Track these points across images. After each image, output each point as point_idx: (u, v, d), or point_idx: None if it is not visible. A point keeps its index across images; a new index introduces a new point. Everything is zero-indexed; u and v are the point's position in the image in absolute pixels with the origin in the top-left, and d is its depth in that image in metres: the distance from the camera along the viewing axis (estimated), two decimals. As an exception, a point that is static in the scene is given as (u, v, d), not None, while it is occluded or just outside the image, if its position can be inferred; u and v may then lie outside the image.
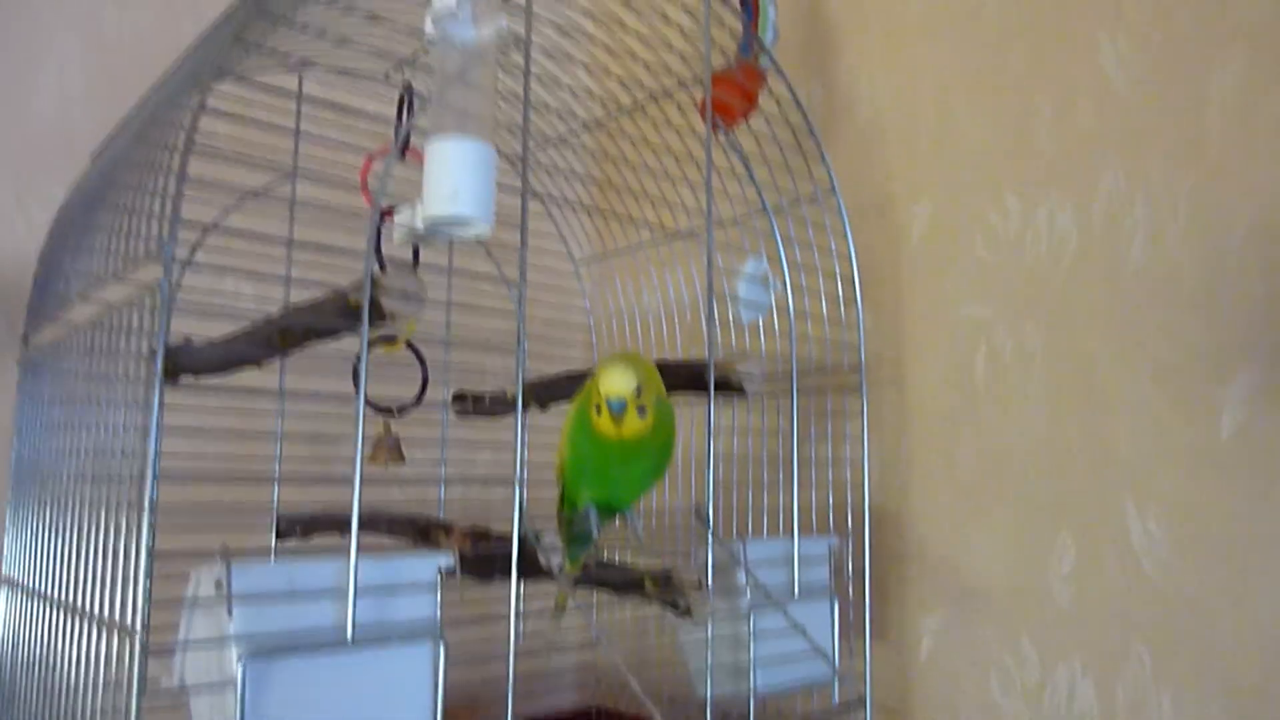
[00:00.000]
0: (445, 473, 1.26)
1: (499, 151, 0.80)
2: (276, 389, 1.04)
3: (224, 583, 0.57)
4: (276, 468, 1.03)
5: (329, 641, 0.61)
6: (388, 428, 1.08)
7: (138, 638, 0.54)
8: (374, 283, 0.64)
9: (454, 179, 0.64)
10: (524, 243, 0.73)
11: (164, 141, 0.61)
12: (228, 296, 1.15)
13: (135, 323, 0.61)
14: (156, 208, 0.59)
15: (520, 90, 0.77)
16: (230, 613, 0.57)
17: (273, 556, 1.01)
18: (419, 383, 1.08)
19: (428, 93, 0.76)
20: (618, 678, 1.33)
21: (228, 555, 0.58)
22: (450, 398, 1.18)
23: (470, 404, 1.17)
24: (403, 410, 1.07)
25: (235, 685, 0.57)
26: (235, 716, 0.57)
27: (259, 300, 0.99)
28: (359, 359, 1.00)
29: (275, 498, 1.03)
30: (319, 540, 1.00)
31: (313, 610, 0.62)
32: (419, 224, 0.67)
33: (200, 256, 1.01)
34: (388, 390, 1.16)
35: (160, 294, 0.56)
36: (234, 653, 0.58)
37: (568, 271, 1.39)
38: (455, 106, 0.66)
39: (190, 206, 0.86)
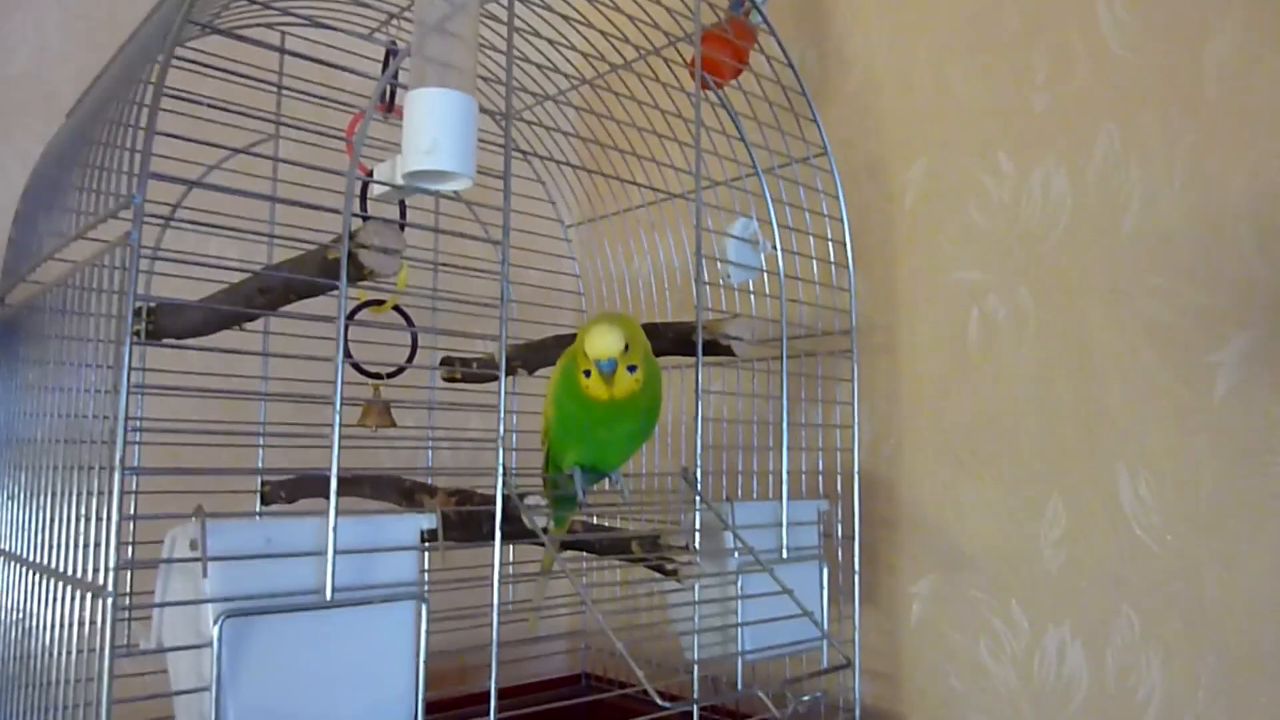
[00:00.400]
0: (434, 436, 1.25)
1: (486, 109, 0.78)
2: (260, 351, 1.03)
3: (199, 542, 0.56)
4: (261, 429, 1.02)
5: (307, 601, 0.60)
6: (377, 391, 1.07)
7: (109, 598, 0.53)
8: (352, 237, 0.63)
9: (433, 132, 0.62)
10: (507, 197, 0.71)
11: (134, 96, 0.59)
12: (212, 259, 1.14)
13: (107, 279, 0.59)
14: (126, 161, 0.57)
15: (507, 44, 0.75)
16: (205, 573, 0.56)
17: (258, 518, 1.00)
18: (408, 347, 1.07)
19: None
20: (607, 643, 1.32)
21: (203, 515, 0.57)
22: (439, 363, 1.17)
23: (458, 369, 1.16)
24: (391, 374, 1.06)
25: (212, 645, 0.56)
26: (212, 676, 0.56)
27: (244, 264, 0.98)
28: (348, 315, 1.00)
29: (260, 460, 1.02)
30: (304, 505, 0.99)
31: (292, 570, 0.61)
32: (399, 179, 0.65)
33: (185, 216, 1.00)
34: (377, 354, 1.15)
35: (130, 246, 0.54)
36: (210, 613, 0.57)
37: (557, 236, 1.37)
38: (436, 58, 0.65)
39: (171, 165, 0.84)
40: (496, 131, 1.26)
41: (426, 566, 1.14)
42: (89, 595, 0.56)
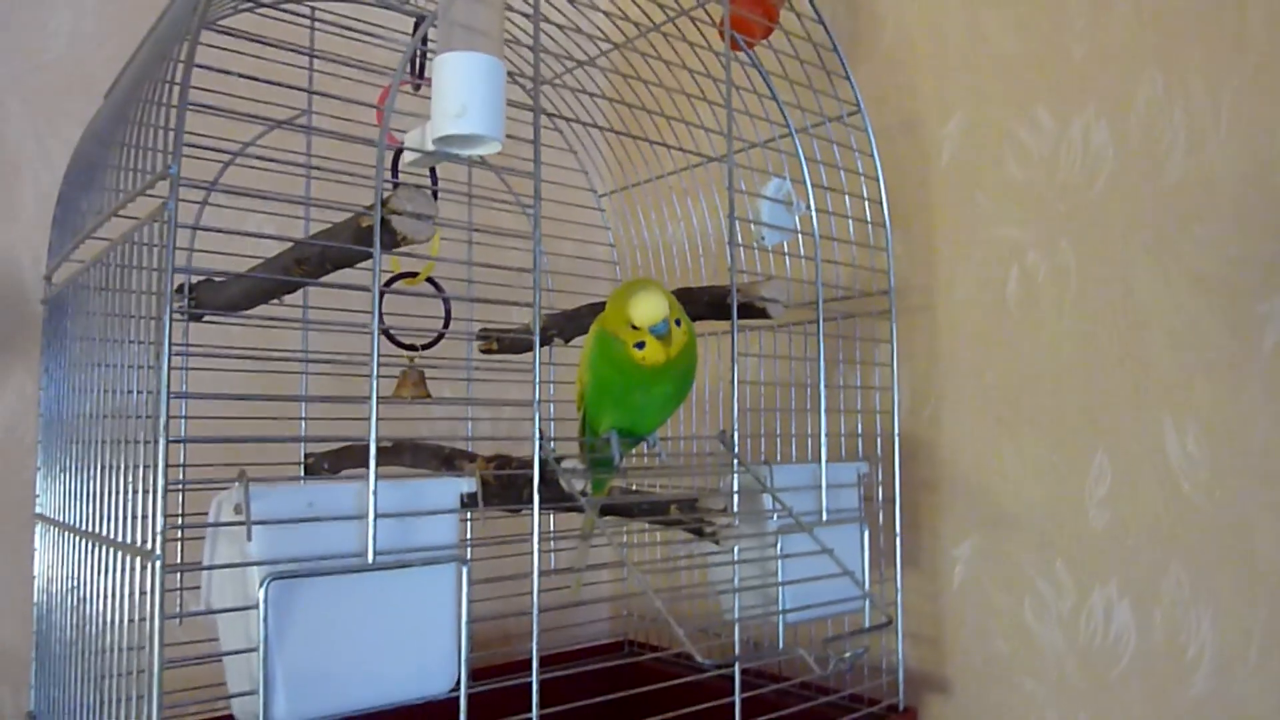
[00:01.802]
0: (473, 405, 1.26)
1: (515, 76, 0.78)
2: (300, 322, 1.04)
3: (243, 506, 0.57)
4: (303, 400, 1.03)
5: (350, 564, 0.61)
6: (412, 361, 1.08)
7: (157, 560, 0.54)
8: (385, 204, 0.63)
9: (461, 95, 0.62)
10: (537, 161, 0.71)
11: (165, 74, 0.60)
12: (251, 243, 1.15)
13: (146, 256, 0.60)
14: (160, 138, 0.58)
15: (533, 8, 0.75)
16: (250, 536, 0.57)
17: (315, 482, 1.02)
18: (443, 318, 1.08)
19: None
20: (649, 609, 1.33)
21: (246, 479, 0.58)
22: (476, 334, 1.18)
23: (494, 340, 1.16)
24: (426, 345, 1.07)
25: (258, 607, 0.57)
26: (259, 638, 0.57)
27: (282, 238, 0.99)
28: (383, 286, 1.01)
29: (304, 430, 1.04)
30: (347, 475, 1.00)
31: (335, 534, 0.62)
32: (429, 144, 0.65)
33: (225, 200, 1.01)
34: (414, 326, 1.15)
35: (167, 215, 0.55)
36: (256, 575, 0.58)
37: (590, 205, 1.37)
38: (462, 21, 0.64)
39: (204, 143, 0.85)
40: (527, 99, 1.26)
41: (469, 532, 1.16)
42: (138, 560, 0.57)
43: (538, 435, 0.70)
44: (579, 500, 0.71)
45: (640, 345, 0.75)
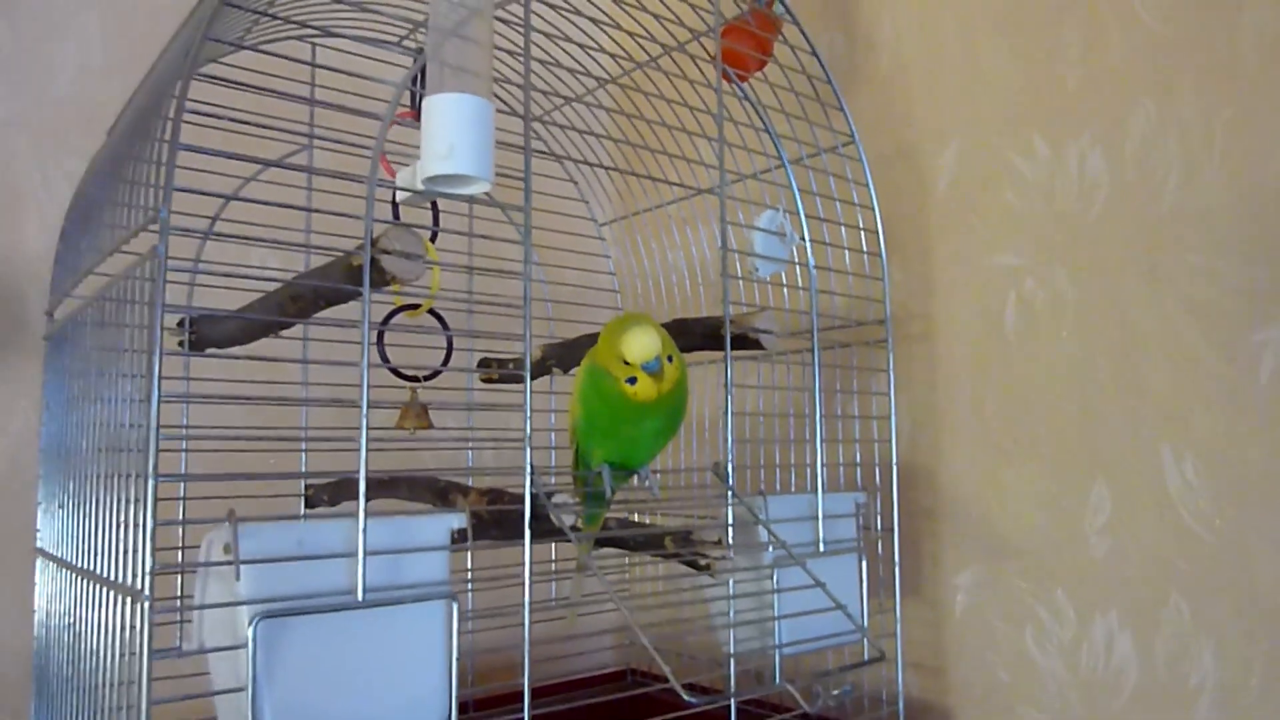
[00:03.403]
0: (476, 436, 1.27)
1: (508, 112, 0.78)
2: (300, 357, 1.05)
3: (232, 546, 0.58)
4: (303, 437, 1.04)
5: (340, 601, 0.61)
6: (414, 393, 1.08)
7: (146, 602, 0.54)
8: (374, 243, 0.64)
9: (449, 136, 0.63)
10: (527, 198, 0.72)
11: (160, 113, 0.61)
12: (253, 269, 1.16)
13: (139, 291, 0.61)
14: (153, 175, 0.59)
15: (531, 46, 0.76)
16: (238, 575, 0.58)
17: (301, 520, 1.02)
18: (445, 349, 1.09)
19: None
20: (651, 637, 1.33)
21: (235, 518, 0.58)
22: (476, 364, 1.18)
23: (495, 370, 1.17)
24: (427, 377, 1.07)
25: (247, 646, 0.58)
26: (248, 677, 0.58)
27: (284, 272, 1.00)
28: (384, 319, 1.02)
29: (303, 464, 1.04)
30: (346, 507, 1.01)
31: (326, 571, 0.63)
32: (418, 184, 0.66)
33: (226, 232, 1.02)
34: (416, 357, 1.16)
35: (157, 259, 0.56)
36: (245, 614, 0.58)
37: (590, 234, 1.38)
38: (452, 62, 0.65)
39: (206, 179, 0.86)
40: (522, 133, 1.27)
41: (469, 564, 1.16)
42: (128, 599, 0.57)
43: (529, 469, 0.70)
44: (568, 535, 0.71)
45: (632, 381, 0.75)
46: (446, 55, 0.65)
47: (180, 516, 0.93)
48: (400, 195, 0.70)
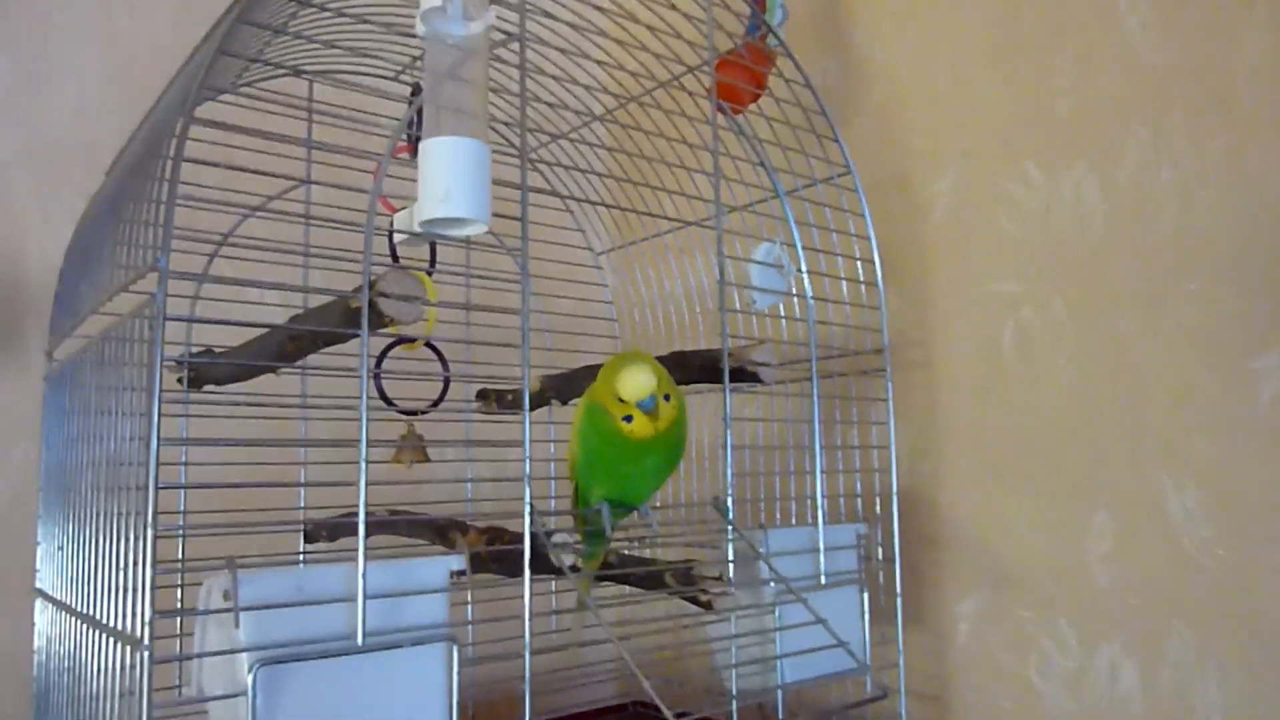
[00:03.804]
0: (477, 471, 1.27)
1: (511, 149, 0.79)
2: (299, 396, 1.05)
3: (231, 593, 0.58)
4: (302, 474, 1.04)
5: (339, 646, 0.61)
6: (411, 428, 1.08)
7: (145, 649, 0.54)
8: (372, 286, 0.64)
9: (446, 179, 0.63)
10: (524, 238, 0.72)
11: (156, 165, 0.61)
12: (252, 308, 1.17)
13: (138, 333, 0.61)
14: (153, 222, 0.59)
15: (528, 86, 0.76)
16: (237, 623, 0.57)
17: (301, 561, 1.02)
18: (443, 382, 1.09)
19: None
20: (653, 671, 1.32)
21: (234, 565, 0.58)
22: (474, 396, 1.18)
23: (493, 402, 1.17)
24: (425, 411, 1.07)
25: (247, 694, 0.57)
26: (247, 723, 0.57)
27: (285, 308, 1.00)
28: (377, 361, 1.02)
29: (302, 503, 1.04)
30: (345, 543, 1.01)
31: (325, 616, 0.62)
32: (416, 226, 0.66)
33: (225, 269, 1.03)
34: (414, 390, 1.16)
35: (155, 305, 0.56)
36: (244, 661, 0.58)
37: (588, 264, 1.38)
38: (448, 104, 0.66)
39: (203, 217, 0.86)
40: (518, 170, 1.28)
41: (469, 599, 1.16)
42: (128, 647, 0.57)
43: (529, 509, 0.70)
44: (566, 574, 0.71)
45: (629, 419, 0.75)
46: (442, 98, 0.65)
47: (180, 555, 0.93)
48: (398, 237, 0.70)
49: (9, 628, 1.03)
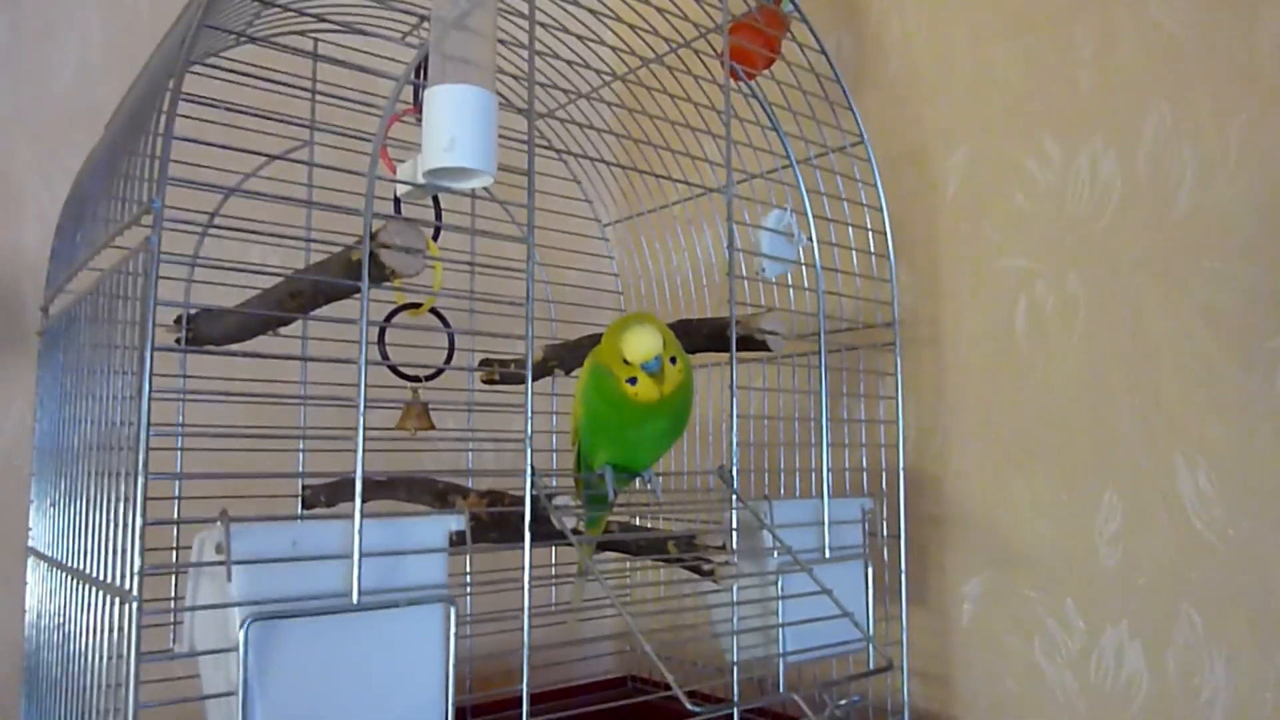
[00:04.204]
0: (477, 437, 1.25)
1: (510, 107, 0.77)
2: (299, 354, 1.04)
3: (224, 546, 0.56)
4: (301, 433, 1.02)
5: (334, 604, 0.60)
6: (415, 393, 1.07)
7: (134, 603, 0.53)
8: (374, 238, 0.62)
9: (451, 129, 0.62)
10: (531, 194, 0.71)
11: (155, 104, 0.59)
12: (253, 266, 1.15)
13: (131, 286, 0.60)
14: (146, 168, 0.58)
15: (536, 41, 0.75)
16: (230, 577, 0.56)
17: (297, 520, 1.01)
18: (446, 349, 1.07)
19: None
20: (655, 645, 1.31)
21: (227, 518, 0.57)
22: (477, 365, 1.17)
23: (496, 370, 1.15)
24: (429, 377, 1.06)
25: (238, 649, 0.56)
26: (239, 680, 0.56)
27: (284, 269, 0.99)
28: (381, 328, 1.00)
29: (301, 464, 1.03)
30: (344, 508, 0.99)
31: (321, 573, 0.61)
32: (420, 178, 0.64)
33: (224, 225, 1.01)
34: (417, 357, 1.14)
35: (150, 252, 0.55)
36: (236, 616, 0.57)
37: (594, 235, 1.36)
38: (454, 54, 0.64)
39: (206, 173, 0.85)
40: (524, 129, 1.26)
41: (469, 568, 1.14)
42: (117, 600, 0.56)
43: (529, 472, 0.69)
44: (569, 538, 0.70)
45: (633, 381, 0.73)
46: (448, 47, 0.64)
47: (175, 516, 0.92)
48: (401, 190, 0.69)
49: (3, 584, 1.02)
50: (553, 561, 1.19)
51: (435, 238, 1.02)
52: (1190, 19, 0.92)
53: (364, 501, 0.94)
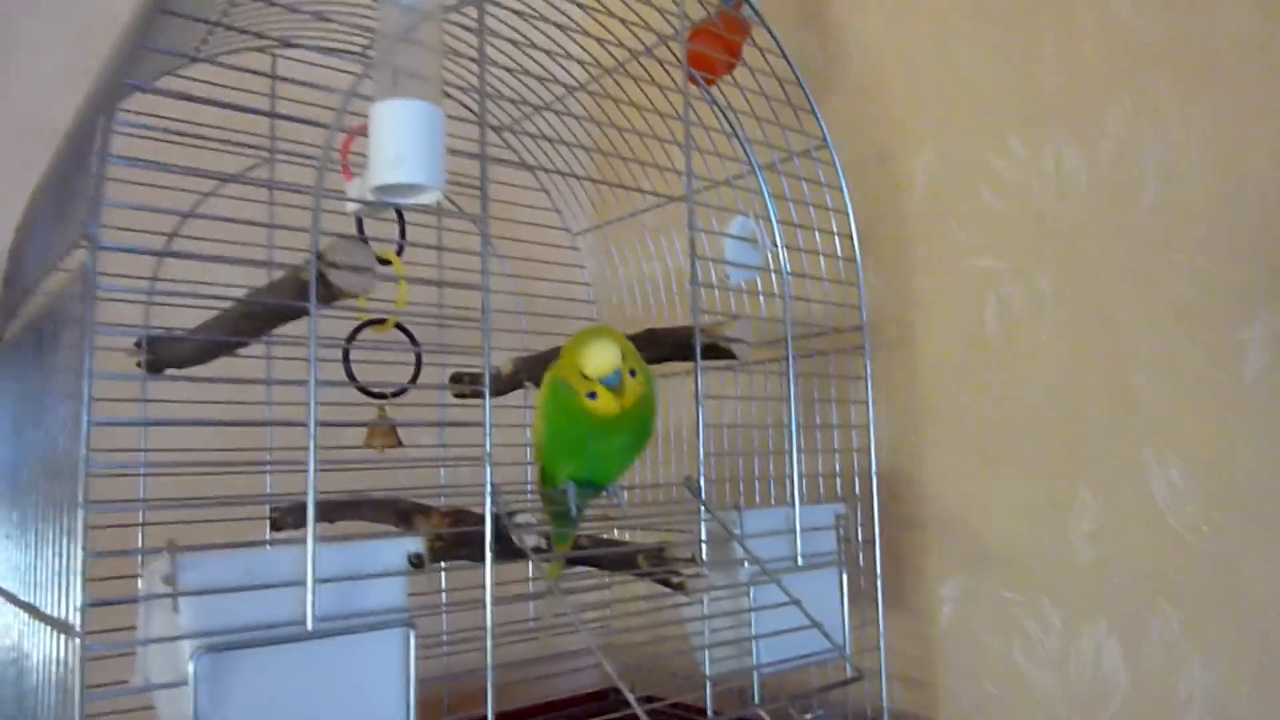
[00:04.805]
0: (451, 454, 1.24)
1: (461, 118, 0.76)
2: (259, 378, 1.02)
3: (171, 577, 0.55)
4: (268, 455, 1.01)
5: (288, 632, 0.59)
6: (382, 411, 1.06)
7: (78, 638, 0.52)
8: (320, 257, 0.61)
9: (398, 143, 0.61)
10: (484, 206, 0.70)
11: (94, 126, 0.58)
12: (217, 288, 1.14)
13: (75, 310, 0.58)
14: (88, 184, 0.56)
15: (496, 54, 0.74)
16: (176, 608, 0.55)
17: (267, 545, 0.99)
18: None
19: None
20: (634, 657, 1.30)
21: (174, 548, 0.56)
22: (448, 379, 1.16)
23: (468, 385, 1.14)
24: (395, 394, 1.05)
25: (189, 682, 0.55)
26: (191, 715, 0.55)
27: (245, 290, 0.97)
28: (346, 342, 0.99)
29: (269, 486, 1.02)
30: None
31: (276, 601, 0.60)
32: (368, 194, 0.63)
33: (187, 248, 1.00)
34: (386, 374, 1.13)
35: (86, 275, 0.53)
36: (186, 649, 0.56)
37: (565, 245, 1.35)
38: (400, 68, 0.63)
39: (161, 195, 0.83)
40: (493, 143, 1.25)
41: (444, 586, 1.13)
42: (62, 635, 0.55)
43: (489, 490, 0.68)
44: (530, 556, 0.69)
45: (592, 395, 0.72)
46: (394, 61, 0.63)
47: (139, 545, 0.90)
48: (351, 206, 0.68)
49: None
50: (529, 577, 1.18)
51: (400, 253, 1.01)
52: (1151, 10, 0.92)
53: (330, 523, 0.93)
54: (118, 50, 0.63)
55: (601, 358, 0.71)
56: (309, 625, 0.59)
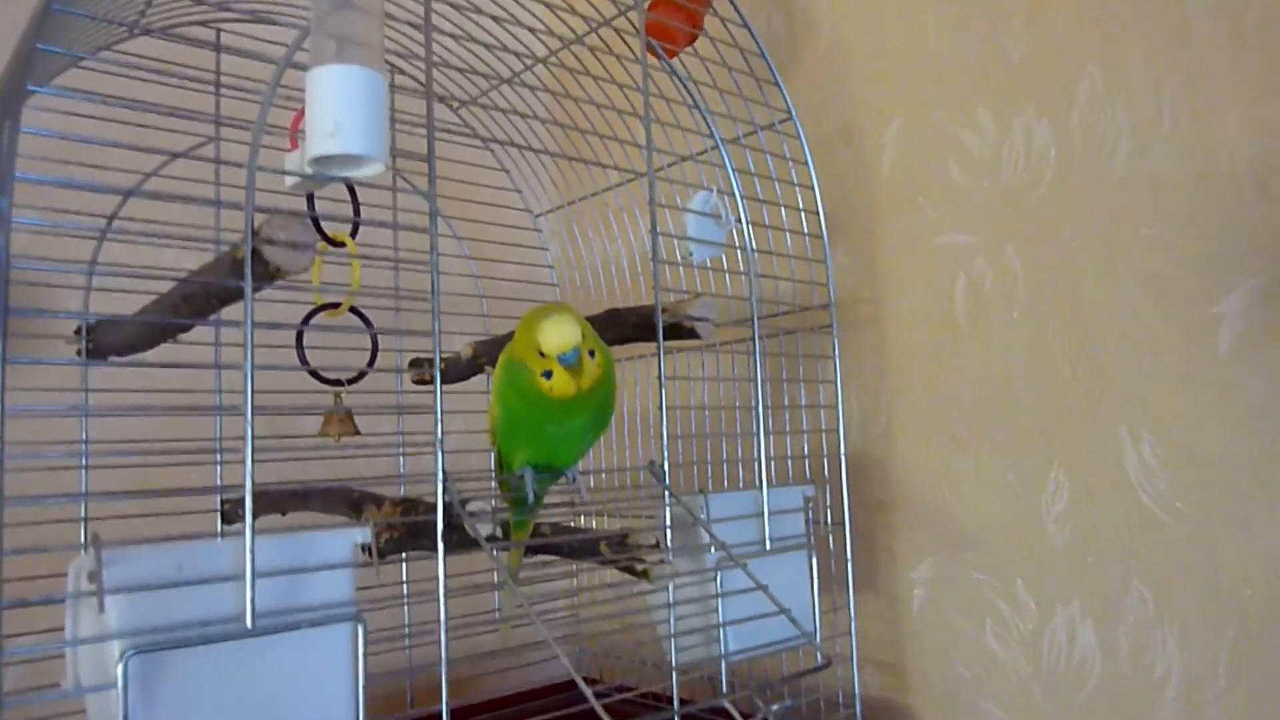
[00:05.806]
0: (410, 441, 1.21)
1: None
2: (213, 363, 0.99)
3: (96, 574, 0.52)
4: (218, 444, 0.97)
5: (225, 630, 0.55)
6: (338, 398, 1.02)
7: (-8, 641, 0.48)
8: (255, 234, 0.58)
9: (335, 113, 0.57)
10: (432, 181, 0.66)
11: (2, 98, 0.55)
12: (166, 271, 1.10)
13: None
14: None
15: (445, 24, 0.70)
16: (102, 607, 0.52)
17: (218, 539, 0.96)
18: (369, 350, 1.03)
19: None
20: (603, 646, 1.28)
21: (98, 543, 0.52)
22: (407, 366, 1.12)
23: (428, 370, 1.11)
24: (351, 380, 1.01)
25: (117, 686, 0.52)
26: (119, 719, 0.52)
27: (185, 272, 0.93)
28: (300, 326, 0.95)
29: (219, 477, 0.98)
30: (264, 521, 0.95)
31: (215, 598, 0.57)
32: (306, 167, 0.60)
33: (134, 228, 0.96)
34: (341, 360, 1.09)
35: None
36: (115, 650, 0.52)
37: (527, 226, 1.32)
38: (336, 33, 0.59)
39: (111, 175, 0.80)
40: (451, 120, 1.21)
41: (404, 578, 1.10)
42: (-20, 638, 0.51)
43: (440, 477, 0.65)
44: (483, 545, 0.66)
45: (548, 375, 0.69)
46: (330, 25, 0.59)
47: (82, 539, 0.87)
48: (291, 181, 0.64)
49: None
50: (493, 567, 1.15)
51: (354, 234, 0.97)
52: (1119, -19, 0.90)
53: (282, 514, 0.90)
54: (31, 20, 0.59)
55: (559, 334, 0.67)
56: (249, 622, 0.56)
